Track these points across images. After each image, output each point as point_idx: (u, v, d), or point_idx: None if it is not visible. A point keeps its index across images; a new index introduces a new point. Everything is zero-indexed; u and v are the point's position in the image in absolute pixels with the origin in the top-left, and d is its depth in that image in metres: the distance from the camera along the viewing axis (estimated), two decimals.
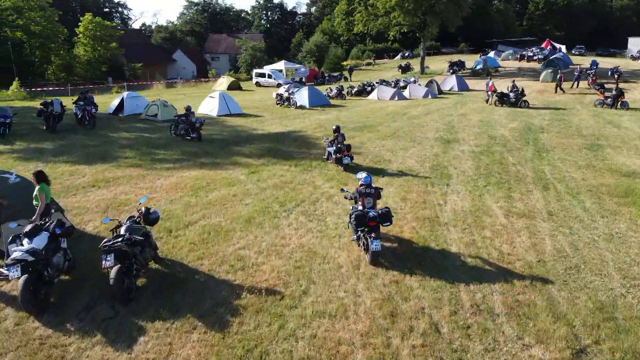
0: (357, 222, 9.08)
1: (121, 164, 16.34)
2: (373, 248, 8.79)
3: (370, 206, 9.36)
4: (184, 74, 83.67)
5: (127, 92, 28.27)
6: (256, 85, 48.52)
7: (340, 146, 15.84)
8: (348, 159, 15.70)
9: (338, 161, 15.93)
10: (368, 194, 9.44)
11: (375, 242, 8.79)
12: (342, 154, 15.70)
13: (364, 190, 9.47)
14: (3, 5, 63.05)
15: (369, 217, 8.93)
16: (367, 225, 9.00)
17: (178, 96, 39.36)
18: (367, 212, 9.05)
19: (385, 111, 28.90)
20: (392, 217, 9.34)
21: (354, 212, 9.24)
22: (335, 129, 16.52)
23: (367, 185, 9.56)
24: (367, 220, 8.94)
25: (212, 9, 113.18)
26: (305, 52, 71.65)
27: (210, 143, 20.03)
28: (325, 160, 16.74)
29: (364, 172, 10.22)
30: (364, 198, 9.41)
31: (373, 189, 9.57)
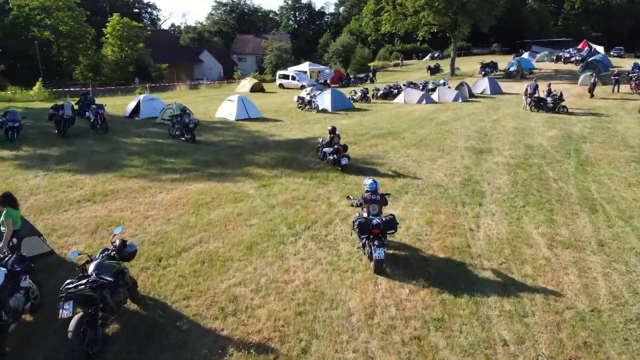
0: (360, 230, 8.79)
1: (125, 174, 15.22)
2: (377, 256, 8.54)
3: (375, 213, 9.11)
4: (210, 74, 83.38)
5: (143, 95, 27.37)
6: (279, 87, 47.32)
7: (338, 147, 15.84)
8: (346, 159, 15.73)
9: (336, 162, 15.89)
10: (373, 201, 9.18)
11: (378, 250, 8.54)
12: (340, 155, 15.72)
13: (370, 197, 9.21)
14: (31, 4, 63.57)
15: (373, 224, 8.69)
16: (371, 233, 8.73)
17: (199, 98, 38.46)
18: (371, 219, 8.82)
19: (411, 116, 27.24)
20: (397, 224, 9.06)
21: (357, 220, 8.96)
22: (331, 129, 16.48)
23: (372, 191, 9.30)
24: (371, 228, 8.69)
25: (240, 10, 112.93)
26: (331, 53, 70.20)
27: (225, 150, 18.81)
28: (321, 159, 16.76)
29: (370, 177, 9.81)
30: (369, 205, 9.15)
31: (379, 196, 9.29)
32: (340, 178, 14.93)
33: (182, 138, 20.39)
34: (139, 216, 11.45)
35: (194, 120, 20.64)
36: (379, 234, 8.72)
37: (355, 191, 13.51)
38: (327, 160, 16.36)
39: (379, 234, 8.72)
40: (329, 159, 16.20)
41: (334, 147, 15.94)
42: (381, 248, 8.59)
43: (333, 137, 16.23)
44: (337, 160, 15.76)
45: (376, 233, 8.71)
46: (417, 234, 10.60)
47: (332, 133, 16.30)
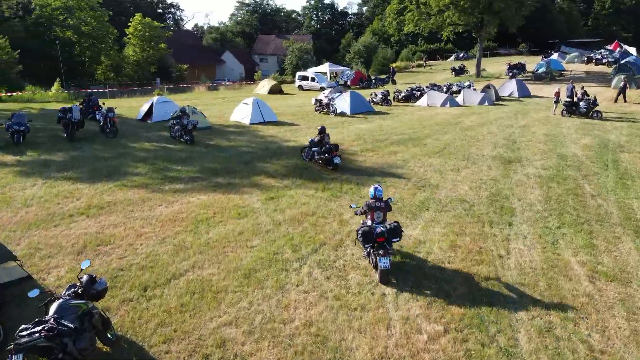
0: (365, 239, 8.52)
1: (127, 183, 14.32)
2: (382, 266, 8.28)
3: (380, 220, 8.85)
4: (231, 75, 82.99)
5: (156, 97, 26.62)
6: (299, 89, 46.27)
7: (329, 146, 15.78)
8: (338, 158, 15.69)
9: (328, 162, 15.81)
10: (378, 208, 8.90)
11: (383, 259, 8.28)
12: (332, 154, 15.65)
13: (374, 204, 8.91)
14: (53, 4, 63.89)
15: (377, 233, 8.42)
16: (375, 241, 8.45)
17: (216, 100, 37.68)
18: (375, 227, 8.54)
19: (434, 120, 25.87)
20: (402, 232, 8.86)
21: (361, 228, 8.67)
22: (320, 129, 16.43)
23: (377, 198, 9.00)
24: (375, 237, 8.41)
25: (263, 10, 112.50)
26: (353, 53, 68.90)
27: (235, 157, 17.83)
28: (309, 160, 16.61)
29: (374, 185, 9.43)
30: (374, 212, 8.87)
31: (383, 203, 9.01)
32: (355, 190, 13.77)
33: (182, 139, 20.23)
34: (131, 234, 10.48)
35: (193, 121, 20.49)
36: (384, 243, 8.42)
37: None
38: (315, 161, 16.26)
39: (384, 242, 8.43)
40: (316, 159, 16.17)
41: (326, 146, 15.81)
42: (386, 257, 8.28)
43: (323, 136, 16.07)
44: (329, 160, 15.67)
45: (380, 242, 8.42)
46: (438, 260, 9.38)
47: (322, 132, 16.17)
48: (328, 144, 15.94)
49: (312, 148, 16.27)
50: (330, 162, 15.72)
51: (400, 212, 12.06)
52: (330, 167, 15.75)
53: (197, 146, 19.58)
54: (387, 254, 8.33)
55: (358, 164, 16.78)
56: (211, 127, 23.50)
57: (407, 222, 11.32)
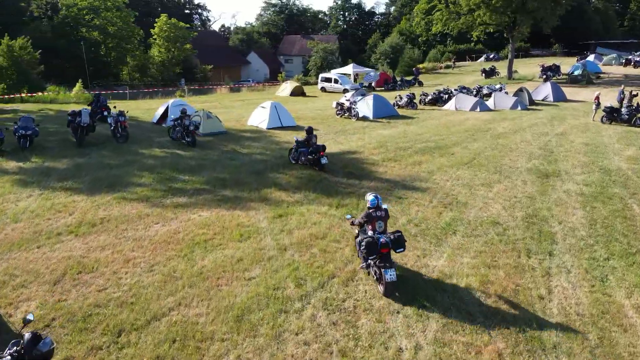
0: (369, 251, 8.03)
1: (127, 195, 13.30)
2: (388, 279, 7.94)
3: (382, 230, 8.46)
4: (256, 76, 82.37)
5: (172, 100, 25.71)
6: (321, 91, 44.95)
7: (317, 147, 15.73)
8: (325, 159, 15.64)
9: (315, 162, 15.76)
10: (379, 217, 8.51)
11: (389, 272, 7.95)
12: (320, 155, 15.59)
13: (374, 214, 8.52)
14: (80, 4, 64.17)
15: (381, 243, 8.01)
16: (379, 252, 8.03)
17: (237, 103, 36.71)
18: (378, 238, 8.11)
19: (463, 126, 24.26)
20: (406, 242, 8.41)
21: (364, 240, 8.16)
22: (307, 129, 16.52)
23: (376, 207, 8.59)
24: (380, 247, 8.00)
25: (289, 10, 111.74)
26: (378, 54, 67.26)
27: (248, 165, 16.68)
28: (294, 161, 16.56)
29: (371, 193, 8.98)
30: (375, 222, 8.48)
31: (383, 211, 8.62)
32: None
33: (183, 141, 19.94)
34: (119, 259, 9.37)
35: (195, 122, 20.33)
36: (388, 254, 8.08)
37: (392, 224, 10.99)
38: (302, 161, 16.18)
39: (388, 253, 8.08)
40: (302, 160, 16.10)
41: (313, 146, 15.81)
42: (392, 269, 7.97)
43: (310, 137, 16.04)
44: (317, 160, 15.63)
45: (385, 252, 8.04)
46: (466, 302, 7.97)
47: (309, 133, 16.18)
48: (315, 145, 15.87)
49: (298, 149, 16.27)
50: (317, 162, 15.64)
51: (424, 235, 10.66)
52: (318, 167, 15.71)
53: (210, 152, 18.54)
54: (392, 266, 8.02)
55: (378, 176, 15.40)
56: (227, 132, 22.43)
57: (430, 249, 9.93)
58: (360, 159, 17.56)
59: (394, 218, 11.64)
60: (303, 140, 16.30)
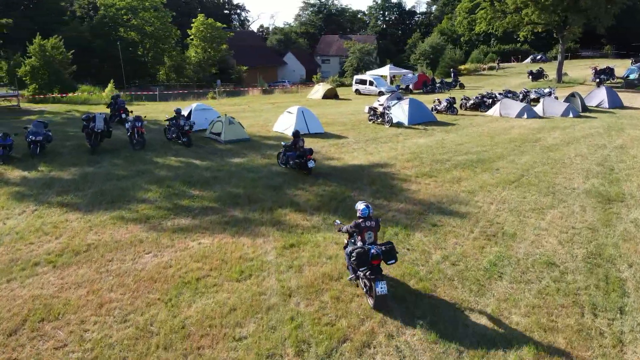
0: (359, 262, 7.69)
1: (126, 215, 11.92)
2: (379, 291, 7.55)
3: (371, 241, 8.14)
4: (292, 77, 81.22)
5: (195, 104, 24.42)
6: (355, 93, 43.02)
7: (304, 150, 15.57)
8: (312, 162, 15.47)
9: (302, 166, 15.52)
10: (369, 228, 8.19)
11: (380, 284, 7.59)
12: (307, 158, 15.37)
13: (364, 224, 8.19)
14: (118, 4, 64.42)
15: (372, 254, 7.68)
16: (370, 264, 7.69)
17: (267, 106, 35.26)
18: (369, 249, 7.79)
19: (509, 135, 21.97)
20: (397, 253, 8.04)
21: (354, 250, 7.81)
22: (294, 133, 16.33)
23: (366, 217, 8.24)
24: (370, 259, 7.67)
25: (328, 10, 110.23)
26: (418, 54, 64.73)
27: (265, 179, 15.10)
28: (283, 165, 16.33)
29: (363, 202, 8.54)
30: (365, 232, 8.16)
31: (373, 222, 8.29)
32: (403, 236, 10.57)
33: (179, 141, 19.97)
34: (93, 302, 7.88)
35: (190, 122, 20.26)
36: (379, 266, 7.77)
37: (423, 266, 9.12)
38: (290, 165, 15.98)
39: (379, 265, 7.77)
40: (290, 164, 15.91)
41: (299, 150, 15.64)
42: (383, 282, 7.64)
43: (297, 140, 15.88)
44: (304, 164, 15.43)
45: (376, 264, 7.73)
46: None
47: (296, 137, 16.00)
48: (302, 148, 15.73)
49: (286, 153, 16.06)
50: (304, 166, 15.44)
51: (462, 279, 8.74)
52: (305, 171, 15.50)
53: (227, 162, 17.08)
54: (383, 278, 7.71)
55: (410, 195, 13.49)
56: (249, 140, 20.94)
57: (470, 300, 8.02)
58: (390, 174, 15.67)
59: (426, 252, 9.78)
60: (290, 144, 16.04)
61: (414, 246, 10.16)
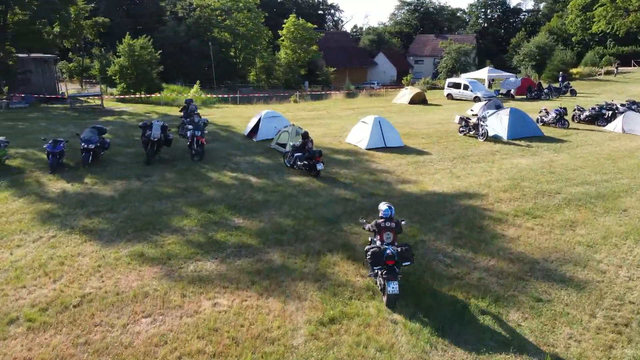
0: (373, 261, 7.85)
1: (146, 251, 9.95)
2: (390, 291, 7.66)
3: (389, 241, 8.17)
4: (382, 78, 78.25)
5: (265, 111, 22.41)
6: (447, 98, 39.07)
7: (313, 152, 15.29)
8: (321, 164, 15.15)
9: (310, 168, 15.23)
10: (388, 228, 8.23)
11: (392, 284, 7.66)
12: (315, 160, 15.06)
13: (384, 224, 8.26)
14: (213, 5, 65.13)
15: (387, 255, 7.76)
16: (384, 264, 7.75)
17: (346, 112, 32.66)
18: (385, 249, 7.86)
19: (636, 159, 17.62)
20: (413, 255, 8.07)
21: (370, 249, 8.01)
22: (304, 134, 16.01)
23: (387, 218, 8.29)
24: (385, 259, 7.73)
25: (425, 9, 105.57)
26: (522, 55, 58.72)
27: (322, 207, 12.60)
28: (291, 166, 15.98)
29: (385, 202, 8.59)
30: (383, 232, 8.22)
31: (393, 223, 8.30)
32: (490, 320, 7.50)
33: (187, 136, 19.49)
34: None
35: (204, 120, 20.16)
36: (393, 266, 7.73)
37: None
38: (297, 167, 15.70)
39: (393, 265, 7.73)
40: (297, 165, 15.63)
41: (308, 152, 15.34)
42: (395, 282, 7.66)
43: (306, 142, 15.65)
44: (312, 166, 15.14)
45: (390, 265, 7.72)
46: None
47: (305, 138, 15.76)
48: (311, 150, 15.45)
49: (294, 153, 15.73)
50: (313, 168, 15.15)
51: None
52: (313, 173, 15.23)
53: (285, 181, 14.79)
54: (396, 278, 7.71)
55: (505, 245, 10.26)
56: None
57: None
58: (480, 210, 12.42)
59: (524, 350, 6.67)
60: (299, 145, 15.67)
61: (507, 339, 7.07)
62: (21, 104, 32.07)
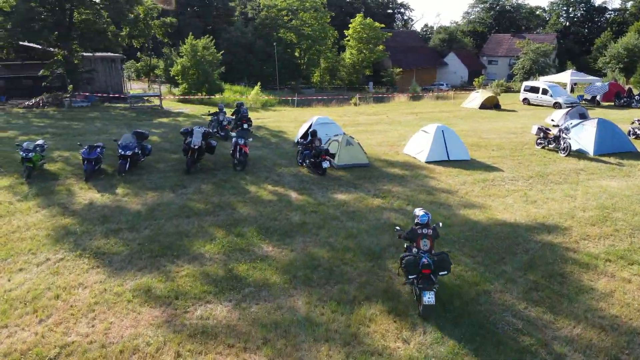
0: (409, 270, 7.51)
1: (154, 285, 8.58)
2: (426, 301, 7.33)
3: (426, 249, 7.83)
4: (452, 79, 74.80)
5: (317, 117, 20.68)
6: (523, 103, 35.63)
7: (319, 149, 15.38)
8: (327, 162, 15.20)
9: (316, 166, 15.33)
10: (425, 235, 7.90)
11: (428, 294, 7.34)
12: (321, 158, 15.13)
13: (420, 231, 7.93)
14: (279, 5, 64.47)
15: (423, 264, 7.46)
16: (420, 273, 7.44)
17: (408, 117, 30.34)
18: (421, 257, 7.57)
19: None
20: (451, 264, 7.71)
21: (405, 257, 7.68)
22: (312, 132, 16.24)
23: (423, 224, 7.97)
24: (421, 268, 7.44)
25: (501, 7, 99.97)
26: (608, 57, 53.42)
27: (366, 235, 10.76)
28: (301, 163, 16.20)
29: (421, 208, 8.36)
30: (420, 239, 7.90)
31: (430, 229, 7.97)
32: None
33: (218, 135, 20.63)
34: None
35: (228, 118, 21.50)
36: (430, 275, 7.40)
37: None
38: (306, 164, 15.91)
39: (429, 274, 7.40)
40: (306, 163, 15.88)
41: (315, 149, 15.52)
42: (431, 292, 7.34)
43: (314, 140, 15.81)
44: (318, 164, 15.28)
45: (426, 274, 7.40)
46: None
47: (313, 136, 15.94)
48: (318, 148, 15.58)
49: (303, 151, 16.01)
50: (318, 166, 15.29)
51: None
52: (319, 171, 15.32)
53: (328, 199, 13.07)
54: (432, 288, 7.33)
55: (594, 305, 7.94)
56: (369, 165, 16.66)
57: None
58: (562, 248, 10.06)
59: None
60: (307, 142, 15.93)
61: None
62: (83, 103, 32.48)
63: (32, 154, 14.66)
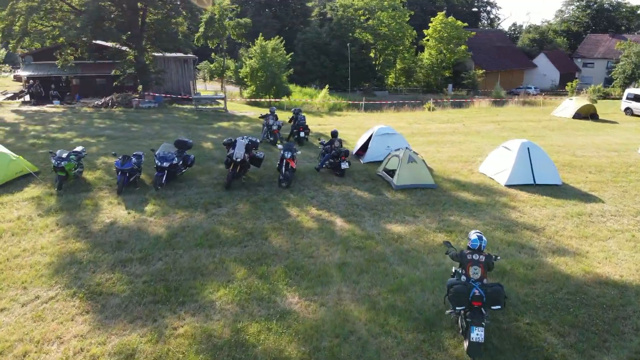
0: (457, 301, 6.66)
1: (140, 348, 6.87)
2: (474, 338, 6.46)
3: (477, 278, 6.88)
4: (542, 82, 69.09)
5: (378, 127, 18.31)
6: (625, 114, 30.97)
7: (339, 150, 15.33)
8: (346, 163, 15.20)
9: (335, 167, 15.26)
10: (475, 262, 6.94)
11: (477, 330, 6.45)
12: (341, 159, 15.11)
13: (470, 256, 6.99)
14: (356, 5, 62.43)
15: (473, 295, 6.59)
16: (469, 304, 6.60)
17: (486, 126, 27.03)
18: (471, 287, 6.68)
19: None
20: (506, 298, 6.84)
21: (453, 285, 6.77)
22: (333, 132, 16.28)
23: (474, 249, 7.05)
24: (471, 300, 6.57)
25: (599, 5, 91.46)
26: None
27: (422, 286, 8.54)
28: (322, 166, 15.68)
29: (476, 231, 7.30)
30: (470, 266, 6.94)
31: (483, 257, 6.99)
32: None
33: (267, 140, 19.90)
34: None
35: (279, 123, 20.20)
36: (480, 307, 6.57)
37: None
38: (326, 166, 15.64)
39: (480, 307, 6.57)
40: (325, 164, 15.61)
41: (335, 150, 15.39)
42: (481, 328, 6.45)
43: (334, 140, 15.71)
44: (337, 165, 15.19)
45: (477, 306, 6.56)
46: None
47: (334, 136, 15.98)
48: (338, 148, 15.43)
49: (325, 153, 15.78)
50: (337, 167, 15.15)
51: None
52: (338, 172, 15.19)
53: (382, 230, 10.81)
54: (481, 323, 6.44)
55: None
56: (435, 187, 14.15)
57: None
58: None
59: None
60: (327, 143, 15.93)
61: None
62: (150, 104, 32.23)
63: (65, 162, 13.60)
